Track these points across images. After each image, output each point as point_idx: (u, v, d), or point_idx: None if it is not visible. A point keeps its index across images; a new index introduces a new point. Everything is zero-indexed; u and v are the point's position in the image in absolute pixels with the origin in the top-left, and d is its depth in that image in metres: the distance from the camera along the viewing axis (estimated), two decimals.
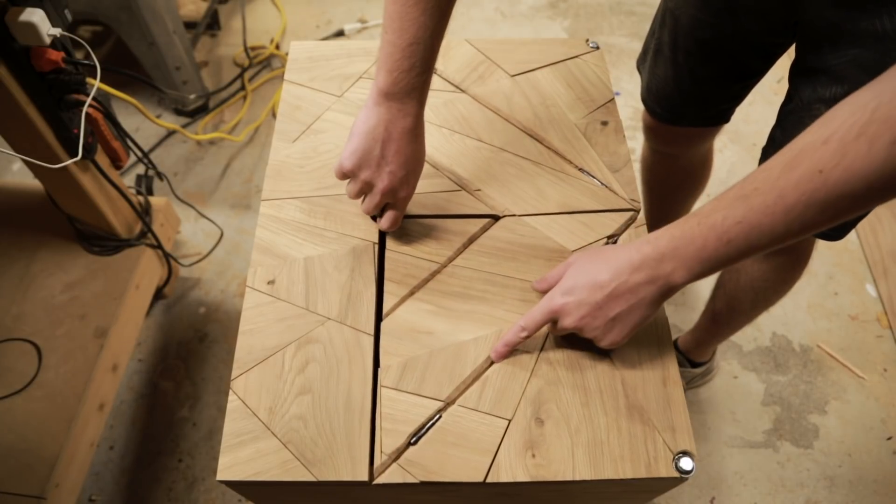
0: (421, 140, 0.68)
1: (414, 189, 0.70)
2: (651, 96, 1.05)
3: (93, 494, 1.25)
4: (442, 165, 0.81)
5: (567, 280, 0.60)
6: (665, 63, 0.98)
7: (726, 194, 0.52)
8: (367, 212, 0.72)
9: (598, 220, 0.76)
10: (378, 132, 0.65)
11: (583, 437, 0.61)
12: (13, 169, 1.79)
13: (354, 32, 2.12)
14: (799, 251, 0.98)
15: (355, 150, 0.66)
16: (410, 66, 0.63)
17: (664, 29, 0.95)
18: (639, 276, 0.55)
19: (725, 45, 0.89)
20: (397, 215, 0.71)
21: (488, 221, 0.77)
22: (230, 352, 1.42)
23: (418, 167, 0.69)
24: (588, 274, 0.58)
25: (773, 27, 0.84)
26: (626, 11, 2.20)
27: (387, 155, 0.66)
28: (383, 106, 0.65)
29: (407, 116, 0.65)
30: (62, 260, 1.25)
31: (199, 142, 1.81)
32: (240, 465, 0.58)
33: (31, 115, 0.97)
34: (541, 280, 0.68)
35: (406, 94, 0.64)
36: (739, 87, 0.98)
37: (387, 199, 0.69)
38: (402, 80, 0.63)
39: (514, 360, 0.65)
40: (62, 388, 1.10)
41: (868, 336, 1.47)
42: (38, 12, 0.88)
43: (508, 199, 0.78)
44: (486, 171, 0.81)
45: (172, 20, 1.63)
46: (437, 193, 0.78)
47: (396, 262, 0.73)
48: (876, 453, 1.31)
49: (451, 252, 0.74)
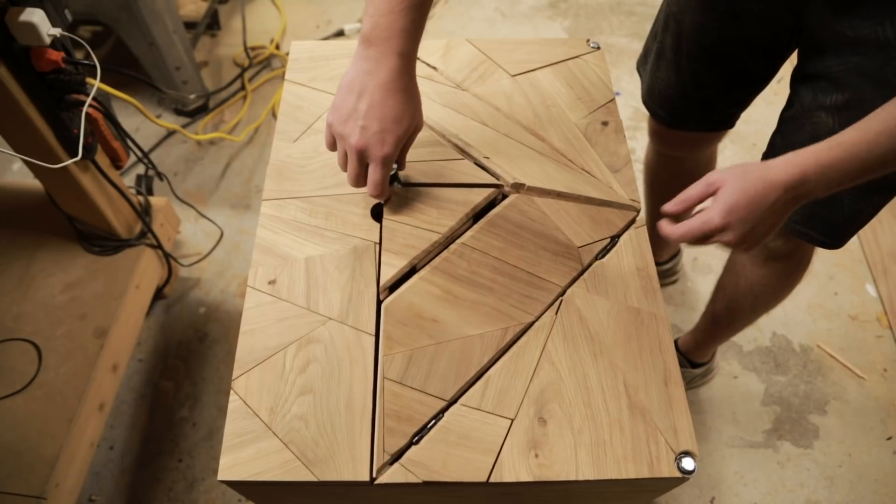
0: (400, 97, 0.63)
1: (393, 149, 0.64)
2: (654, 99, 1.05)
3: (93, 494, 1.24)
4: (448, 132, 0.80)
5: (726, 199, 0.62)
6: (668, 66, 0.98)
7: (868, 131, 0.58)
8: (348, 176, 0.67)
9: (604, 216, 0.76)
10: (355, 84, 0.63)
11: (585, 437, 0.61)
12: (13, 169, 1.78)
13: (354, 32, 2.11)
14: (799, 256, 0.97)
15: (334, 104, 0.64)
16: (389, 9, 0.61)
17: (667, 32, 0.95)
18: (789, 195, 0.61)
19: (729, 50, 0.89)
20: (377, 179, 0.66)
21: (493, 191, 0.75)
22: (230, 352, 1.42)
23: (396, 126, 0.64)
24: (746, 193, 0.61)
25: (776, 32, 0.84)
26: (626, 11, 2.21)
27: (360, 108, 0.63)
28: (362, 56, 0.63)
29: (383, 67, 0.62)
30: (62, 260, 1.25)
31: (199, 142, 1.81)
32: (241, 465, 0.58)
33: (31, 115, 0.96)
34: (678, 202, 0.66)
35: (384, 40, 0.61)
36: (743, 93, 0.97)
37: (362, 157, 0.65)
38: (380, 24, 0.61)
39: (516, 359, 0.65)
40: (62, 388, 1.10)
41: (868, 336, 1.47)
42: (38, 12, 0.88)
43: (516, 171, 0.77)
44: (492, 146, 0.79)
45: (172, 20, 1.63)
46: (439, 161, 0.77)
47: (394, 232, 0.71)
48: (876, 453, 1.31)
49: (454, 222, 0.72)
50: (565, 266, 0.72)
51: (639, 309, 0.70)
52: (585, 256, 0.73)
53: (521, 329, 0.67)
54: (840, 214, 0.82)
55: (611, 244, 0.75)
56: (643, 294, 0.71)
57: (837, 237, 0.85)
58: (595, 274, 0.72)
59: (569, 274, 0.71)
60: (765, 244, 0.94)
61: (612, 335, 0.67)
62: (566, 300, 0.70)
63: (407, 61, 0.63)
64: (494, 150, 0.79)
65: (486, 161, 0.77)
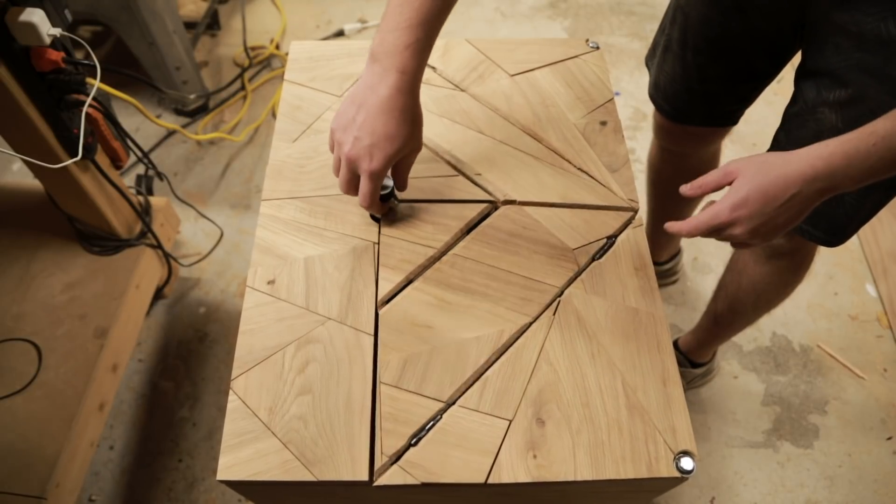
0: (397, 115, 0.63)
1: (381, 165, 0.64)
2: (659, 93, 1.06)
3: (93, 494, 1.25)
4: (441, 149, 0.81)
5: (737, 192, 0.60)
6: (674, 60, 0.98)
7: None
8: (339, 181, 0.68)
9: (599, 218, 0.76)
10: (357, 96, 0.64)
11: (584, 437, 0.61)
12: (13, 169, 1.78)
13: (354, 32, 2.11)
14: (801, 256, 0.97)
15: (338, 110, 0.66)
16: (396, 26, 0.61)
17: (674, 26, 0.96)
18: (812, 188, 0.58)
19: (734, 44, 0.89)
20: (364, 191, 0.66)
21: (486, 206, 0.76)
22: (230, 352, 1.42)
23: (387, 143, 0.63)
24: (760, 187, 0.59)
25: (780, 27, 0.84)
26: (626, 11, 2.20)
27: (357, 120, 0.64)
28: (368, 70, 0.64)
29: (384, 84, 0.62)
30: (62, 260, 1.25)
31: (199, 142, 1.81)
32: (240, 465, 0.58)
33: (31, 115, 0.97)
34: (695, 186, 0.65)
35: (388, 55, 0.62)
36: (747, 89, 0.98)
37: (352, 168, 0.65)
38: (386, 40, 0.62)
39: (514, 360, 0.65)
40: (62, 388, 1.10)
41: (868, 336, 1.47)
42: (38, 12, 0.88)
43: (508, 185, 0.77)
44: (486, 158, 0.80)
45: (172, 20, 1.63)
46: (434, 178, 0.78)
47: (391, 248, 0.72)
48: (876, 453, 1.31)
49: (448, 237, 0.73)
50: (561, 267, 0.72)
51: (637, 309, 0.70)
52: (581, 257, 0.73)
53: (519, 330, 0.67)
54: (842, 211, 0.83)
55: (608, 244, 0.75)
56: (641, 294, 0.71)
57: (839, 234, 0.85)
58: (593, 274, 0.72)
59: (565, 275, 0.71)
60: (769, 245, 0.94)
61: (610, 335, 0.67)
62: (564, 301, 0.70)
63: (409, 79, 0.63)
64: (489, 162, 0.80)
65: (477, 178, 0.78)
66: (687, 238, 0.65)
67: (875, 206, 0.83)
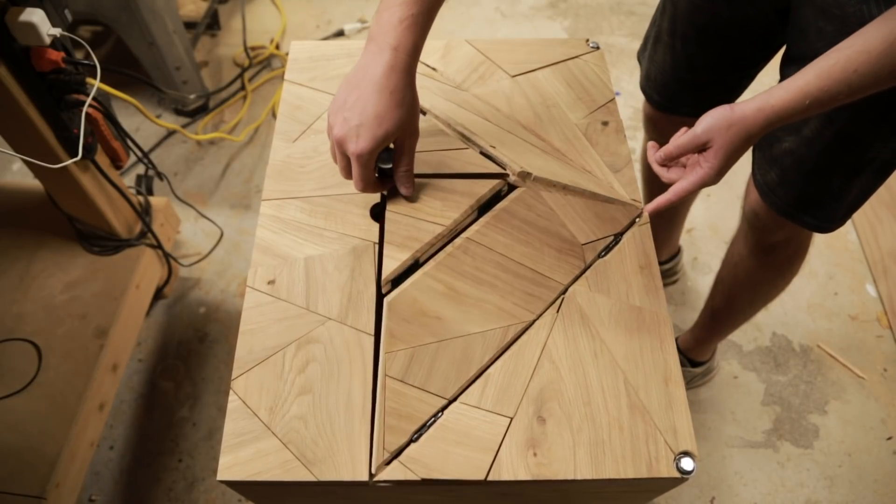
0: (387, 96, 0.61)
1: (367, 146, 0.62)
2: (650, 84, 1.07)
3: (93, 494, 1.25)
4: (452, 121, 0.79)
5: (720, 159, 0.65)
6: (664, 49, 0.99)
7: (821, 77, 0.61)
8: (339, 167, 0.67)
9: (608, 214, 0.76)
10: (352, 77, 0.63)
11: (584, 436, 0.61)
12: (13, 169, 1.78)
13: (354, 32, 2.11)
14: (796, 245, 0.98)
15: (335, 95, 0.65)
16: (390, 3, 0.61)
17: (664, 15, 0.97)
18: (762, 133, 0.65)
19: (722, 32, 0.90)
20: (356, 174, 0.65)
21: (498, 182, 0.74)
22: (230, 352, 1.42)
23: (375, 124, 0.61)
24: (735, 148, 0.65)
25: (766, 13, 0.85)
26: (626, 11, 2.21)
27: (349, 100, 0.62)
28: (364, 50, 0.63)
29: (378, 63, 0.61)
30: (62, 260, 1.25)
31: (199, 142, 1.81)
32: (240, 465, 0.58)
33: (31, 115, 0.97)
34: (667, 151, 0.69)
35: (383, 33, 0.61)
36: (736, 77, 0.98)
37: (342, 151, 0.64)
38: (382, 19, 0.61)
39: (516, 357, 0.65)
40: (62, 388, 1.10)
41: (868, 336, 1.47)
42: (38, 12, 0.88)
43: (522, 162, 0.76)
44: (497, 137, 0.78)
45: (172, 20, 1.63)
46: (441, 151, 0.75)
47: (397, 224, 0.70)
48: (876, 453, 1.31)
49: (458, 214, 0.71)
50: (568, 264, 0.72)
51: (640, 307, 0.70)
52: (589, 254, 0.73)
53: (523, 327, 0.67)
54: (829, 195, 0.83)
55: (614, 242, 0.75)
56: (645, 293, 0.71)
57: (829, 219, 0.86)
58: (597, 272, 0.72)
59: (571, 272, 0.71)
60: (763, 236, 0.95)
61: (613, 333, 0.67)
62: (568, 298, 0.70)
63: (403, 56, 0.61)
64: (499, 141, 0.78)
65: (492, 150, 0.75)
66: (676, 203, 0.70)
67: (864, 190, 0.84)
